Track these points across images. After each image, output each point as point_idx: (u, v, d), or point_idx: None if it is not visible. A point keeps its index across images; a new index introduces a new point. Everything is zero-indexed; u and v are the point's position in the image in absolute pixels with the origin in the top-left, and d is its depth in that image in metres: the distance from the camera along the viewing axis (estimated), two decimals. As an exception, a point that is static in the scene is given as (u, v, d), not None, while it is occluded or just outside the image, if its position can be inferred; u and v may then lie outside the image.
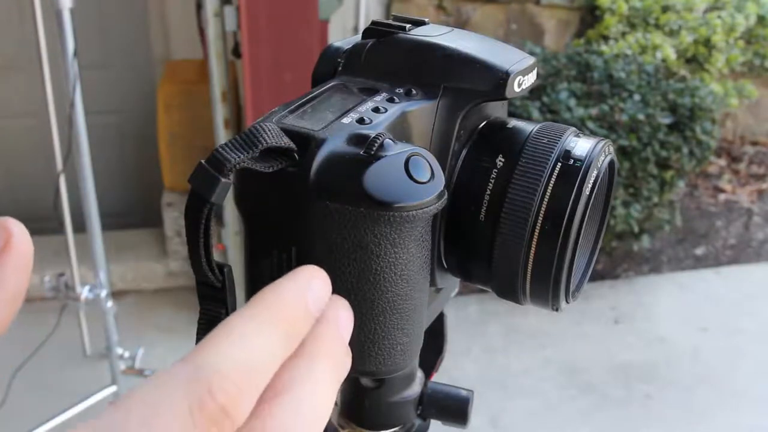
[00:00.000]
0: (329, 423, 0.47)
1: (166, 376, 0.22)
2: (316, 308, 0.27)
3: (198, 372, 0.22)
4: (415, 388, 0.45)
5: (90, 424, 0.21)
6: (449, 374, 0.47)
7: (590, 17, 3.22)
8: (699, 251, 2.96)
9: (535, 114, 2.38)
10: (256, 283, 0.36)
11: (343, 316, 0.29)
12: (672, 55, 2.96)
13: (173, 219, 2.60)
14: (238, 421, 0.23)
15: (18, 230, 0.26)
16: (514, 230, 0.37)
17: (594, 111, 2.44)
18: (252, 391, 0.23)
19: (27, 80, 2.61)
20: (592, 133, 0.84)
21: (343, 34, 2.18)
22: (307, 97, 0.37)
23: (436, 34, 0.40)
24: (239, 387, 0.22)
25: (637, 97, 2.49)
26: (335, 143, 0.33)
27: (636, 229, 2.52)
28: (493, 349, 2.35)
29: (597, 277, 2.70)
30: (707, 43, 3.10)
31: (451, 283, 0.44)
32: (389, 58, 0.40)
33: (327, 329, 0.28)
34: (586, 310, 2.53)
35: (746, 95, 3.25)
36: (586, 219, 0.37)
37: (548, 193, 0.36)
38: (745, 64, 3.34)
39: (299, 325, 0.26)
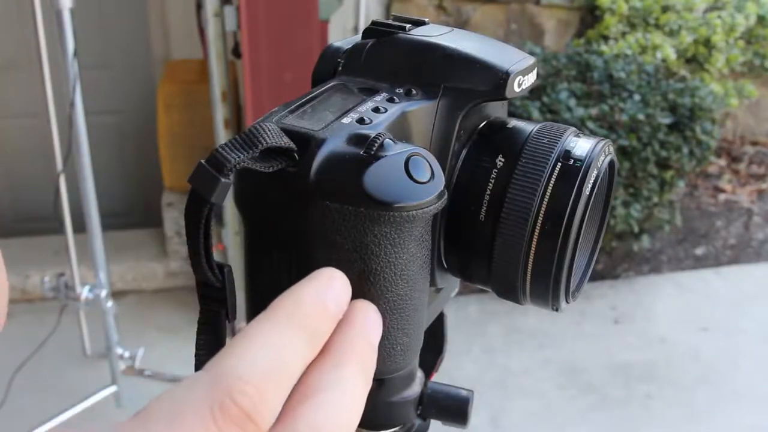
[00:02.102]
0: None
1: (188, 384, 0.23)
2: (337, 308, 0.27)
3: (219, 378, 0.22)
4: (415, 388, 0.45)
5: (113, 429, 0.22)
6: (449, 374, 0.47)
7: (590, 17, 3.22)
8: (699, 251, 2.96)
9: (535, 114, 2.38)
10: (256, 283, 0.36)
11: (371, 319, 0.29)
12: (672, 55, 2.96)
13: (173, 219, 2.60)
14: (263, 425, 0.23)
15: None
16: (514, 230, 0.37)
17: (594, 111, 2.44)
18: (276, 394, 0.23)
19: (27, 80, 2.61)
20: (592, 133, 0.84)
21: (343, 34, 2.18)
22: (307, 97, 0.37)
23: (436, 34, 0.40)
24: (261, 391, 0.23)
25: (637, 97, 2.49)
26: (335, 143, 0.33)
27: (636, 229, 2.52)
28: (493, 349, 2.35)
29: (597, 277, 2.70)
30: (707, 43, 3.10)
31: (451, 283, 0.44)
32: (389, 58, 0.40)
33: (355, 332, 0.28)
34: (586, 310, 2.53)
35: (746, 95, 3.25)
36: (586, 219, 0.37)
37: (548, 193, 0.36)
38: (745, 64, 3.34)
39: (321, 326, 0.26)
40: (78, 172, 1.73)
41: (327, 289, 0.28)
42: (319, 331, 0.26)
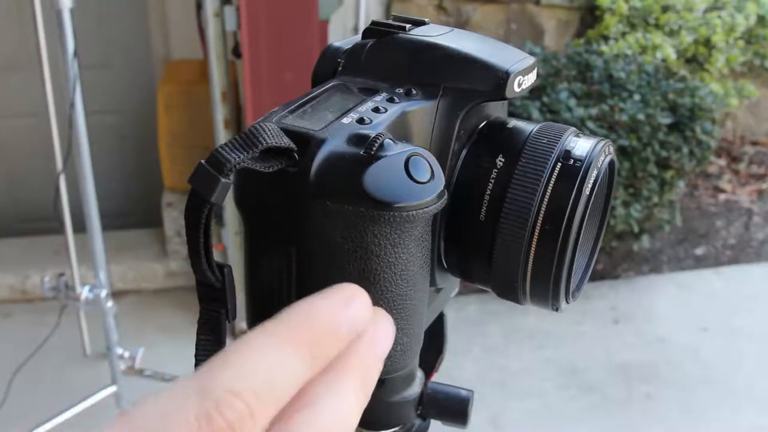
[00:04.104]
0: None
1: (177, 391, 0.22)
2: (350, 332, 0.26)
3: (209, 388, 0.22)
4: (415, 388, 0.45)
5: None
6: (449, 374, 0.47)
7: (590, 17, 3.22)
8: (699, 251, 2.96)
9: (535, 114, 2.38)
10: (256, 283, 0.36)
11: (382, 329, 0.27)
12: (672, 55, 2.96)
13: (173, 219, 2.60)
14: None
15: None
16: (514, 230, 0.37)
17: (594, 111, 2.44)
18: (264, 411, 0.23)
19: (27, 80, 2.61)
20: (592, 133, 0.84)
21: (343, 34, 2.18)
22: (307, 97, 0.37)
23: (436, 34, 0.40)
24: (250, 407, 0.22)
25: (637, 97, 2.49)
26: (335, 143, 0.33)
27: (636, 229, 2.52)
28: (493, 349, 2.34)
29: (597, 277, 2.70)
30: (707, 43, 3.10)
31: (451, 283, 0.44)
32: (389, 58, 0.40)
33: (361, 346, 0.26)
34: (586, 310, 2.53)
35: (746, 95, 3.25)
36: (586, 219, 0.37)
37: (548, 193, 0.36)
38: (745, 64, 3.34)
39: (327, 349, 0.25)
40: (78, 172, 1.73)
41: (343, 309, 0.26)
42: (323, 353, 0.25)
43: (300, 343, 0.24)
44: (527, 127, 0.40)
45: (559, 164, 0.37)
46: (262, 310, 0.37)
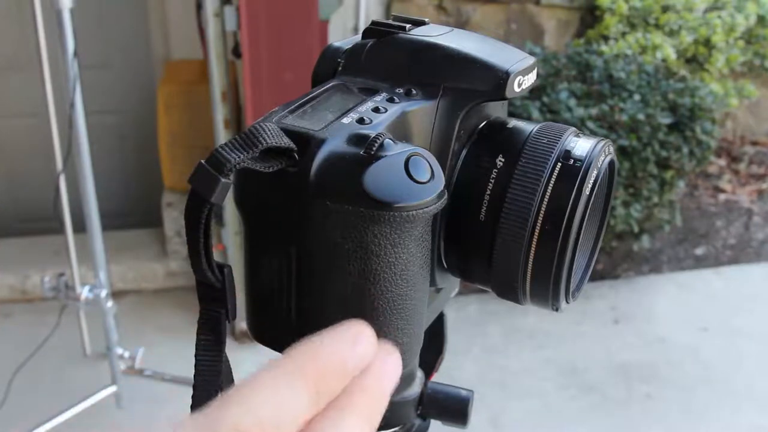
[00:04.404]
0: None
1: (188, 426, 0.23)
2: (356, 368, 0.26)
3: (217, 425, 0.22)
4: (415, 388, 0.45)
5: None
6: (449, 374, 0.47)
7: (590, 17, 3.22)
8: (699, 251, 2.96)
9: (535, 114, 2.38)
10: (256, 283, 0.36)
11: (388, 365, 0.28)
12: (672, 55, 2.96)
13: (173, 219, 2.60)
14: None
15: None
16: (514, 230, 0.37)
17: (594, 111, 2.44)
18: None
19: (27, 80, 2.61)
20: (592, 133, 0.84)
21: (343, 34, 2.18)
22: (307, 97, 0.37)
23: (436, 34, 0.40)
24: None
25: (637, 97, 2.49)
26: (335, 143, 0.33)
27: (636, 229, 2.52)
28: (493, 349, 2.34)
29: (597, 277, 2.70)
30: (707, 43, 3.10)
31: (451, 283, 0.44)
32: (389, 58, 0.40)
33: (367, 382, 0.27)
34: (586, 310, 2.53)
35: (746, 95, 3.25)
36: (586, 219, 0.37)
37: (548, 193, 0.36)
38: (745, 64, 3.34)
39: (333, 385, 0.25)
40: (78, 172, 1.73)
41: (351, 347, 0.26)
42: (329, 389, 0.25)
43: (306, 379, 0.25)
44: (527, 127, 0.40)
45: (559, 164, 0.37)
46: (262, 310, 0.37)
